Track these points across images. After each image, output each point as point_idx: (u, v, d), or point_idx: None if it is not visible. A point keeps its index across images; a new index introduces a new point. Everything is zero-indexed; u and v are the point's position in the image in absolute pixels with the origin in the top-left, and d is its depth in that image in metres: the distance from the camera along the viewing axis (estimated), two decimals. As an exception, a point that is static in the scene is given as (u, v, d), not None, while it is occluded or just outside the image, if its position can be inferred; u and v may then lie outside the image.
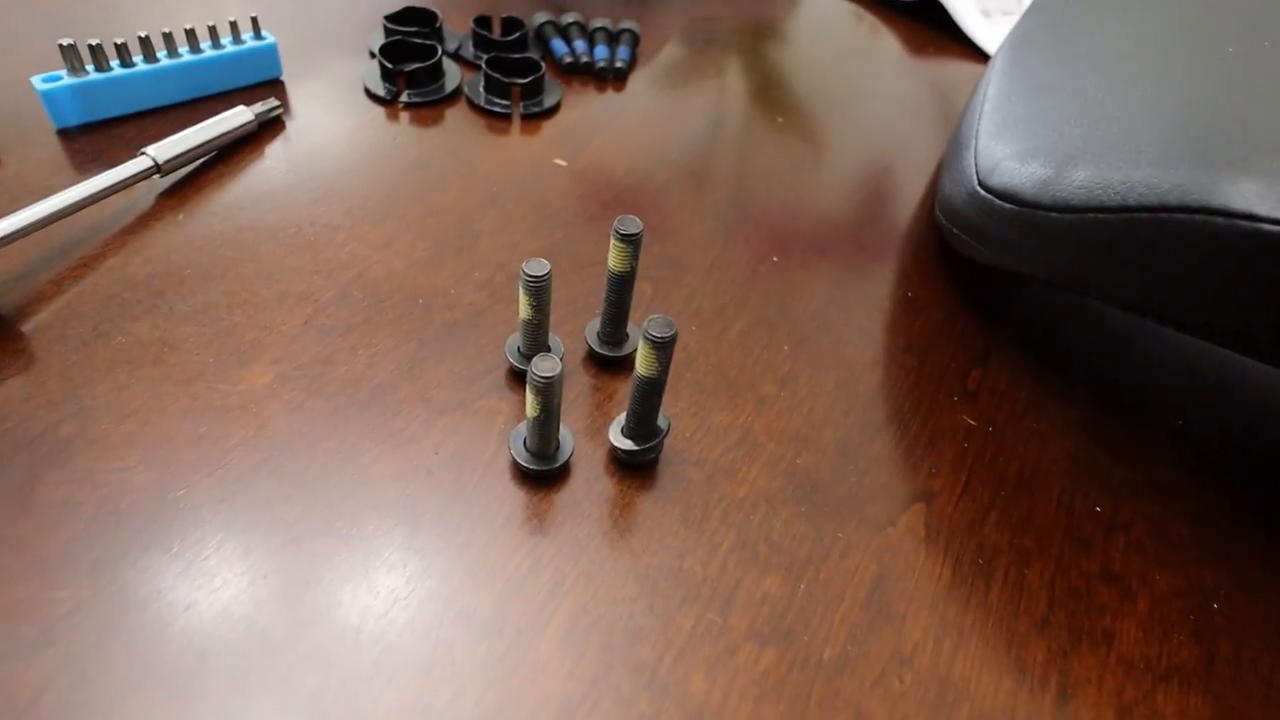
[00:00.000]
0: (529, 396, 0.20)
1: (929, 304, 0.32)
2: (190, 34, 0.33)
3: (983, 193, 0.28)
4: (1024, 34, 0.35)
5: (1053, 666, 0.21)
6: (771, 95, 0.43)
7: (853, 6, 0.56)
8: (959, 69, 0.50)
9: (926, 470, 0.25)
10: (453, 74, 0.39)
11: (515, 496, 0.22)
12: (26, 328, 0.24)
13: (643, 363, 0.21)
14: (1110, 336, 0.32)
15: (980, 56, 0.52)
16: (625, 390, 0.26)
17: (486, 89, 0.38)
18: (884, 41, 0.52)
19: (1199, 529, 0.25)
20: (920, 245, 0.35)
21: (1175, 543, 0.25)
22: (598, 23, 0.43)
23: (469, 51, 0.41)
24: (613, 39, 0.44)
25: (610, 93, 0.41)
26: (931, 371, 0.29)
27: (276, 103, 0.34)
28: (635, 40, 0.44)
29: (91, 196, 0.27)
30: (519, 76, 0.39)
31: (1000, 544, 0.24)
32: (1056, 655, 0.21)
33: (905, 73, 0.48)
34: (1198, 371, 0.31)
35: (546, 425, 0.21)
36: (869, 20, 0.54)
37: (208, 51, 0.34)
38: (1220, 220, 0.20)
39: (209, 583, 0.19)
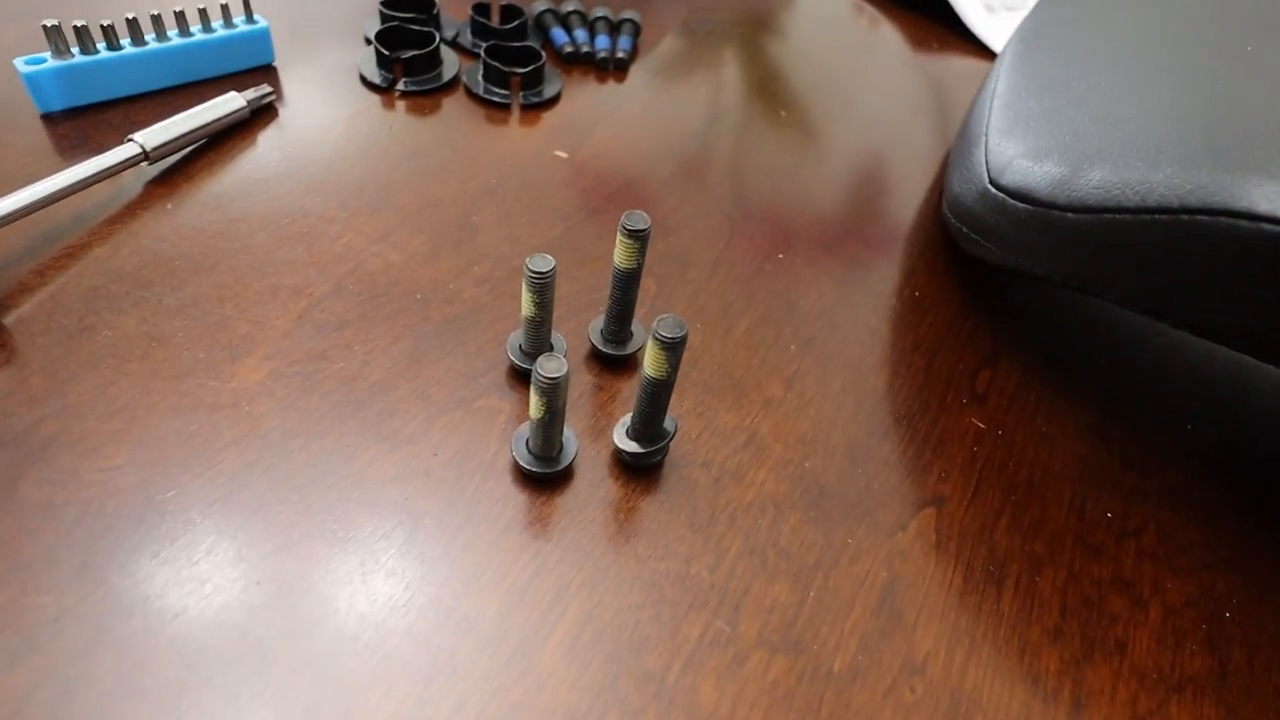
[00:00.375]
0: (533, 397, 0.20)
1: (936, 302, 0.31)
2: (180, 16, 0.32)
3: (994, 191, 0.27)
4: (1034, 28, 0.35)
5: (1066, 676, 0.21)
6: (773, 88, 0.43)
7: (855, -1, 0.55)
8: (962, 64, 0.49)
9: (936, 474, 0.25)
10: (450, 62, 0.38)
11: (517, 499, 0.22)
12: (8, 320, 0.23)
13: (651, 363, 0.20)
14: (1121, 339, 0.31)
15: (983, 52, 0.51)
16: (630, 390, 0.25)
17: (485, 78, 0.37)
18: (885, 35, 0.51)
19: (1210, 535, 0.25)
20: (926, 243, 0.34)
21: (1187, 549, 0.24)
22: (598, 12, 0.42)
23: (467, 39, 0.40)
24: (614, 29, 0.43)
25: (611, 84, 0.40)
26: (940, 372, 0.28)
27: (269, 89, 0.33)
28: (636, 30, 0.43)
29: (77, 184, 0.26)
30: (518, 66, 0.38)
31: (1011, 550, 0.23)
32: (1069, 665, 0.21)
33: (908, 67, 0.48)
34: (1209, 376, 0.30)
35: (550, 426, 0.21)
36: (869, 13, 0.53)
37: (198, 35, 0.33)
38: (1244, 223, 0.20)
39: (199, 589, 0.19)
